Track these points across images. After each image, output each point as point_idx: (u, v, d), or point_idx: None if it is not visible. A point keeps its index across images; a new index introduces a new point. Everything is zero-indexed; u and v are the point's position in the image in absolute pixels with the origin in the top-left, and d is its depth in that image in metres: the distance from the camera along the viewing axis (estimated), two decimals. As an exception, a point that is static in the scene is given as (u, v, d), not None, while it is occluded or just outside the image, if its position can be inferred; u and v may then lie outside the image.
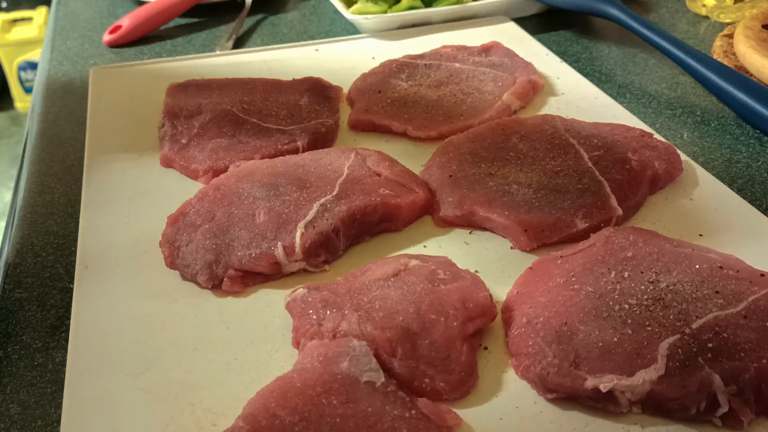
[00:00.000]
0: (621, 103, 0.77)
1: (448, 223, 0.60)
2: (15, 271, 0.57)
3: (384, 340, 0.45)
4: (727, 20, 0.99)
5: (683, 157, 0.66)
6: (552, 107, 0.76)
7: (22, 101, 2.70)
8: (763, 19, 0.87)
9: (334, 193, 0.58)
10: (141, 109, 0.77)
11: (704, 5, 1.01)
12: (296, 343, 0.48)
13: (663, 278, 0.50)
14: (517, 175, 0.61)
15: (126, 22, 0.96)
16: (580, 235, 0.56)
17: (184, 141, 0.68)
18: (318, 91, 0.76)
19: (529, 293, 0.50)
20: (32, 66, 2.57)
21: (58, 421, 0.45)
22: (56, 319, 0.53)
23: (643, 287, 0.49)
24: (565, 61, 0.86)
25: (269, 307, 0.52)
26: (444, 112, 0.73)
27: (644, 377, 0.43)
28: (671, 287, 0.49)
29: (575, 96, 0.78)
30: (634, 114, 0.75)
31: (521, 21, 0.98)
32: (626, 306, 0.48)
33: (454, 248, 0.58)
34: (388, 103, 0.74)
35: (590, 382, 0.43)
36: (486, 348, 0.49)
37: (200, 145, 0.67)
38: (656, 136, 0.67)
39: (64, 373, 0.48)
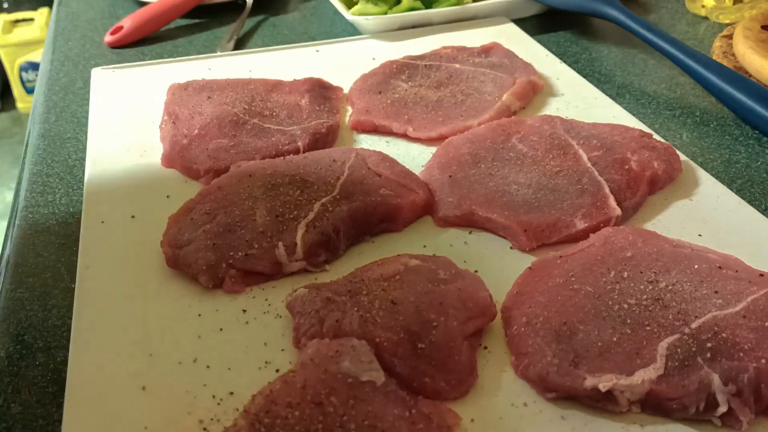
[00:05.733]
0: (620, 104, 0.77)
1: (448, 223, 0.60)
2: (17, 271, 0.58)
3: (384, 339, 0.46)
4: (727, 21, 0.99)
5: (682, 157, 0.66)
6: (551, 108, 0.76)
7: (23, 102, 2.71)
8: (762, 20, 0.87)
9: (335, 193, 0.58)
10: (142, 110, 0.77)
11: (703, 6, 1.01)
12: (297, 343, 0.49)
13: (662, 278, 0.50)
14: (517, 176, 0.62)
15: (127, 22, 0.96)
16: (579, 236, 0.57)
17: (185, 141, 0.68)
18: (318, 91, 0.76)
19: (528, 293, 0.51)
20: (34, 66, 2.57)
21: (60, 421, 0.45)
22: (58, 318, 0.53)
23: (642, 287, 0.49)
24: (565, 61, 0.86)
25: (270, 306, 0.53)
26: (444, 113, 0.73)
27: (643, 377, 0.43)
28: (670, 287, 0.49)
29: (575, 96, 0.78)
30: (634, 114, 0.75)
31: (521, 22, 0.98)
32: (625, 306, 0.48)
33: (454, 248, 0.58)
34: (389, 104, 0.74)
35: (589, 382, 0.44)
36: (486, 347, 0.49)
37: (201, 146, 0.68)
38: (655, 136, 0.67)
39: (66, 373, 0.48)
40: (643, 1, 1.07)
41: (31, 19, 2.59)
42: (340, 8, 0.94)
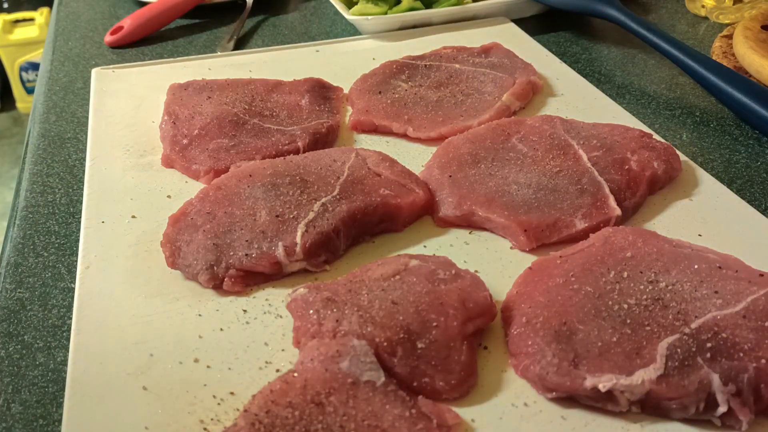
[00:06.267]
0: (620, 104, 0.77)
1: (448, 223, 0.60)
2: (17, 271, 0.58)
3: (384, 339, 0.46)
4: (726, 21, 0.99)
5: (682, 157, 0.66)
6: (551, 108, 0.76)
7: (23, 102, 2.71)
8: (762, 20, 0.87)
9: (335, 193, 0.59)
10: (142, 110, 0.77)
11: (703, 6, 1.01)
12: (297, 343, 0.49)
13: (662, 278, 0.50)
14: (517, 176, 0.62)
15: (127, 22, 0.96)
16: (579, 236, 0.57)
17: (185, 141, 0.68)
18: (318, 91, 0.76)
19: (528, 293, 0.51)
20: (34, 66, 2.58)
21: (60, 421, 0.45)
22: (58, 318, 0.53)
23: (642, 287, 0.49)
24: (565, 61, 0.86)
25: (270, 306, 0.53)
26: (444, 113, 0.73)
27: (643, 377, 0.43)
28: (670, 287, 0.49)
29: (575, 96, 0.78)
30: (634, 114, 0.75)
31: (521, 22, 0.98)
32: (625, 306, 0.48)
33: (454, 248, 0.58)
34: (389, 104, 0.74)
35: (589, 382, 0.44)
36: (486, 347, 0.49)
37: (201, 146, 0.68)
38: (655, 136, 0.67)
39: (66, 373, 0.48)
40: (643, 1, 1.07)
41: (31, 19, 2.59)
42: (340, 8, 0.94)
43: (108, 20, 1.04)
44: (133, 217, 0.61)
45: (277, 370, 0.48)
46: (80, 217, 0.62)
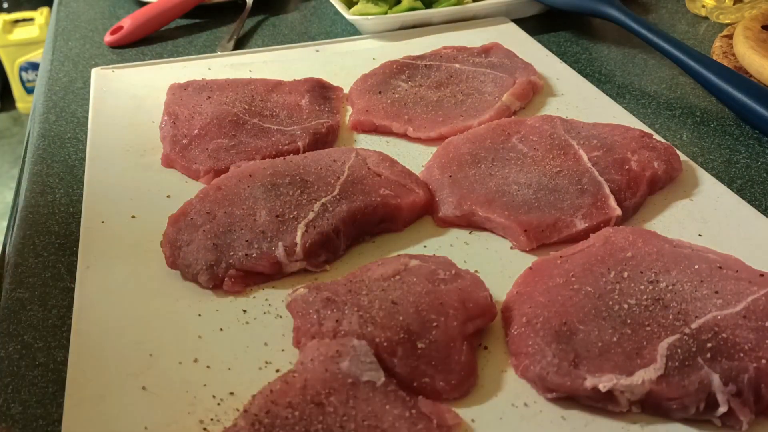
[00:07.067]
0: (620, 104, 0.77)
1: (448, 224, 0.60)
2: (17, 271, 0.58)
3: (384, 339, 0.46)
4: (727, 21, 0.99)
5: (683, 157, 0.66)
6: (552, 108, 0.76)
7: (23, 102, 2.71)
8: (762, 20, 0.87)
9: (335, 193, 0.59)
10: (142, 110, 0.77)
11: (704, 6, 1.01)
12: (297, 343, 0.49)
13: (662, 278, 0.50)
14: (517, 176, 0.62)
15: (127, 22, 0.96)
16: (579, 236, 0.57)
17: (185, 141, 0.68)
18: (318, 91, 0.76)
19: (528, 293, 0.51)
20: (34, 66, 2.58)
21: (60, 421, 0.45)
22: (58, 318, 0.53)
23: (642, 287, 0.49)
24: (565, 61, 0.86)
25: (270, 306, 0.53)
26: (444, 113, 0.73)
27: (643, 377, 0.43)
28: (670, 287, 0.49)
29: (575, 96, 0.78)
30: (634, 114, 0.75)
31: (521, 22, 0.98)
32: (625, 306, 0.48)
33: (454, 248, 0.58)
34: (389, 104, 0.74)
35: (589, 382, 0.44)
36: (486, 348, 0.49)
37: (201, 146, 0.68)
38: (656, 136, 0.67)
39: (66, 373, 0.48)
40: (643, 1, 1.07)
41: (31, 19, 2.59)
42: (340, 8, 0.94)
43: (108, 20, 1.04)
44: (133, 217, 0.61)
45: (277, 370, 0.48)
46: (80, 217, 0.62)
